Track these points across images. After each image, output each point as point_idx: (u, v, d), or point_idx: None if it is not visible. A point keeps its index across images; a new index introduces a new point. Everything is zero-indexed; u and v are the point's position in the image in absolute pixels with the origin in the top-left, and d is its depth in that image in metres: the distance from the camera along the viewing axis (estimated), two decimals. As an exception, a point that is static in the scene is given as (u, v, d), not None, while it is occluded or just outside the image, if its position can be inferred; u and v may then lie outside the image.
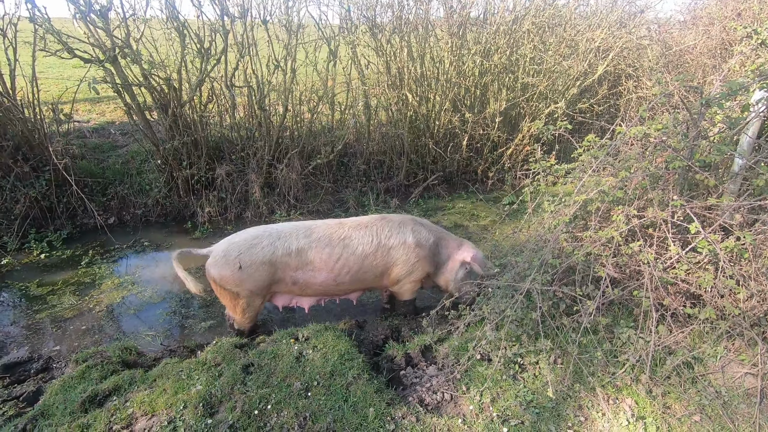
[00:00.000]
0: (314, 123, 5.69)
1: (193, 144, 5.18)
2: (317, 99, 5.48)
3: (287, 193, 5.48)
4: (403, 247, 3.03)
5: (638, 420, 2.01)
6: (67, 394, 2.25)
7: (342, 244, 2.90)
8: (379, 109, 5.97)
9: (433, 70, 5.59)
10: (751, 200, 2.11)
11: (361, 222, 3.05)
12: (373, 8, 5.00)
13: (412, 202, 5.85)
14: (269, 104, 5.39)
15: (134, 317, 3.56)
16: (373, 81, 5.72)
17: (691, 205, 2.08)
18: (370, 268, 3.00)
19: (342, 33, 5.17)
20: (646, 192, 2.19)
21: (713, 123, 2.24)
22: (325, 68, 5.36)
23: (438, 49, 5.39)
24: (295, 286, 2.94)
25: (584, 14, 5.72)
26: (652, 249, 2.20)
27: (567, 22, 5.41)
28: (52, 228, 4.73)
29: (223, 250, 2.78)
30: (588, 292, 2.23)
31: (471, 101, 5.89)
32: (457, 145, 5.98)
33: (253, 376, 2.27)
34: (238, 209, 5.43)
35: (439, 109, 5.68)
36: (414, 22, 5.22)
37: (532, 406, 2.12)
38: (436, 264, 3.21)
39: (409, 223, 3.12)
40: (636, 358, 2.15)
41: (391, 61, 5.41)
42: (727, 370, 2.22)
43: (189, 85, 4.92)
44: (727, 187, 2.44)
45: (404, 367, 2.64)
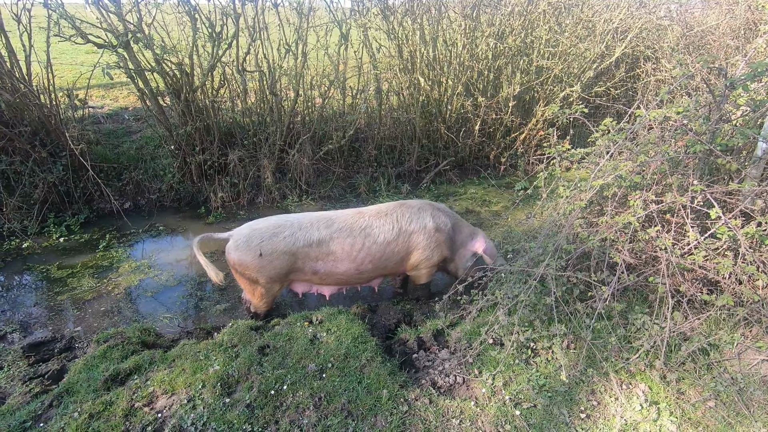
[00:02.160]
0: (325, 108, 5.66)
1: (206, 129, 5.20)
2: (328, 83, 5.44)
3: (299, 178, 5.50)
4: (424, 232, 3.03)
5: (652, 405, 2.02)
6: (90, 372, 2.33)
7: (363, 234, 2.91)
8: (391, 93, 5.91)
9: (446, 54, 5.49)
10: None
11: (380, 210, 3.05)
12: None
13: (423, 188, 5.83)
14: (280, 89, 5.37)
15: (151, 300, 3.63)
16: (384, 65, 5.65)
17: (711, 190, 2.04)
18: (392, 254, 3.02)
19: (353, 16, 5.09)
20: (665, 177, 2.15)
21: (737, 106, 2.18)
22: (336, 52, 5.30)
23: (451, 32, 5.29)
24: (315, 275, 2.97)
25: None
26: (669, 235, 2.17)
27: (584, 2, 5.25)
28: (70, 212, 4.82)
29: (245, 236, 2.81)
30: (603, 278, 2.21)
31: (484, 85, 5.79)
32: (469, 130, 5.92)
33: (269, 358, 2.32)
34: (250, 194, 5.47)
35: (452, 94, 5.60)
36: (427, 3, 5.12)
37: (544, 390, 2.13)
38: (452, 249, 3.21)
39: (428, 209, 3.11)
40: (650, 344, 2.14)
41: (403, 45, 5.33)
42: (744, 356, 2.21)
43: (201, 70, 4.92)
44: (749, 172, 2.38)
45: (417, 351, 2.67)
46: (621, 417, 2.00)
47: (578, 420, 2.00)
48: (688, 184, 2.07)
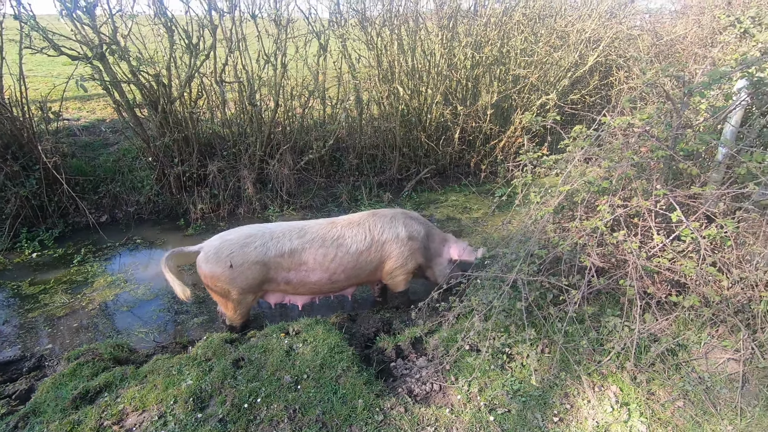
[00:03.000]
0: (306, 118, 5.67)
1: (184, 141, 5.17)
2: (308, 94, 5.46)
3: (280, 188, 5.48)
4: (396, 241, 3.05)
5: (622, 406, 2.05)
6: (58, 391, 2.26)
7: (336, 244, 2.92)
8: (372, 103, 5.96)
9: (425, 63, 5.57)
10: (733, 189, 2.13)
11: (352, 220, 3.06)
12: (362, 1, 4.97)
13: (405, 196, 5.85)
14: (260, 100, 5.37)
15: (127, 314, 3.56)
16: (364, 75, 5.70)
17: (674, 194, 2.10)
18: (365, 264, 3.02)
19: (332, 27, 5.14)
20: (630, 182, 2.20)
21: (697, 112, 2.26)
22: (315, 62, 5.34)
23: (429, 42, 5.37)
24: (288, 285, 2.96)
25: (575, 5, 5.70)
26: (637, 238, 2.22)
27: (557, 13, 5.39)
28: (44, 227, 4.72)
29: (215, 248, 2.79)
30: (574, 282, 2.25)
31: (463, 94, 5.88)
32: (449, 138, 5.99)
33: (243, 371, 2.29)
34: (230, 205, 5.43)
35: (431, 103, 5.67)
36: (404, 14, 5.20)
37: (518, 394, 2.15)
38: (426, 256, 3.24)
39: (401, 217, 3.14)
40: (621, 346, 2.18)
41: (381, 55, 5.39)
42: (711, 356, 2.26)
43: (178, 81, 4.89)
44: (711, 176, 2.46)
45: (395, 359, 2.66)
46: (593, 419, 2.02)
47: (551, 423, 2.01)
48: (652, 189, 2.13)
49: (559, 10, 5.46)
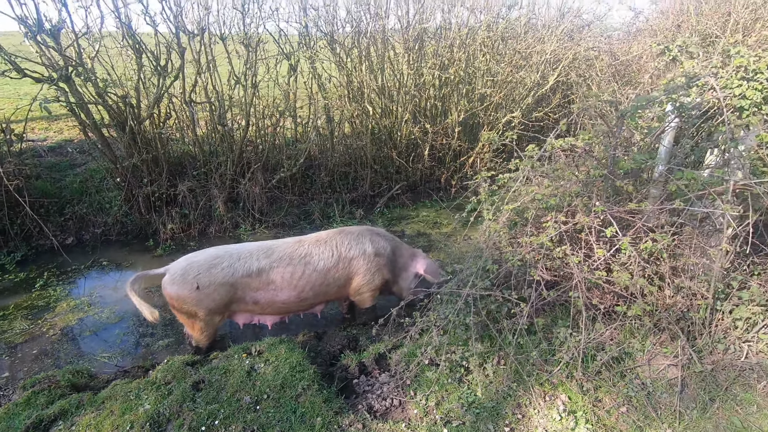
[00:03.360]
0: (277, 137, 5.73)
1: (154, 161, 5.15)
2: (279, 114, 5.54)
3: (252, 207, 5.50)
4: (363, 257, 3.12)
5: (570, 414, 2.14)
6: (10, 421, 2.22)
7: (303, 262, 2.97)
8: (343, 121, 6.08)
9: (394, 83, 5.73)
10: (665, 204, 2.29)
11: (320, 237, 3.12)
12: (330, 23, 5.11)
13: (377, 212, 5.94)
14: (232, 119, 5.42)
15: (90, 339, 3.50)
16: (334, 94, 5.82)
17: (613, 210, 2.24)
18: (332, 281, 3.08)
19: (301, 48, 5.25)
20: (573, 199, 2.34)
21: (631, 133, 2.43)
22: (286, 83, 5.43)
23: (397, 63, 5.54)
24: (256, 305, 2.99)
25: (535, 27, 5.98)
26: (581, 252, 2.35)
27: (518, 36, 5.65)
28: (5, 251, 4.60)
29: (181, 269, 2.80)
30: (526, 295, 2.35)
31: (433, 112, 6.06)
32: (419, 155, 6.13)
33: (203, 393, 2.29)
34: (201, 225, 5.41)
35: (401, 121, 5.82)
36: (372, 36, 5.36)
37: (473, 407, 2.22)
38: (393, 272, 3.31)
39: (367, 234, 3.21)
40: (569, 356, 2.28)
41: (351, 75, 5.53)
42: (653, 362, 2.38)
43: (147, 102, 4.90)
44: (650, 192, 2.62)
45: (358, 376, 2.70)
46: (543, 428, 2.11)
47: (504, 434, 2.09)
48: (592, 206, 2.27)
49: (519, 33, 5.71)
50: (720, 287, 2.44)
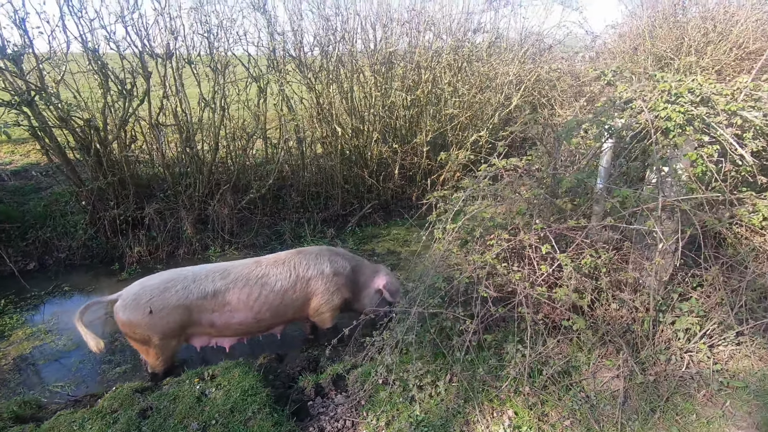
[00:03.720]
0: (247, 158, 5.77)
1: (120, 183, 5.13)
2: (248, 135, 5.59)
3: (221, 228, 5.48)
4: (322, 278, 3.14)
5: (515, 429, 2.17)
6: (-55, 456, 2.15)
7: (260, 283, 2.98)
8: (315, 142, 6.16)
9: (364, 104, 5.86)
10: (602, 222, 2.39)
11: (278, 258, 3.14)
12: (298, 47, 5.22)
13: (348, 231, 5.98)
14: (203, 141, 5.44)
15: (45, 367, 3.41)
16: (304, 115, 5.91)
17: (555, 228, 2.33)
18: (290, 301, 3.08)
19: (269, 71, 5.35)
20: (515, 218, 2.43)
21: (569, 153, 2.55)
22: (255, 105, 5.51)
23: (366, 84, 5.67)
24: (212, 327, 2.97)
25: (499, 50, 6.22)
26: (527, 269, 2.42)
27: (481, 59, 5.87)
28: (-38, 278, 4.48)
29: (134, 294, 2.78)
30: (476, 311, 2.41)
31: (402, 132, 6.19)
32: (389, 174, 6.23)
33: (150, 420, 2.26)
34: (170, 247, 5.36)
35: (371, 141, 5.92)
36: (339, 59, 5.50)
37: (422, 425, 2.23)
38: (353, 290, 3.34)
39: (326, 254, 3.24)
40: (516, 371, 2.32)
41: (321, 97, 5.63)
42: (598, 375, 2.44)
43: (114, 125, 4.90)
44: (594, 209, 2.74)
45: (314, 398, 2.70)
46: (489, 444, 2.13)
47: (451, 452, 2.10)
48: (533, 224, 2.36)
49: (483, 56, 5.93)
50: (659, 300, 2.54)
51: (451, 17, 5.95)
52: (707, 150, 2.24)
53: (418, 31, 5.38)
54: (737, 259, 2.80)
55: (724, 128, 2.20)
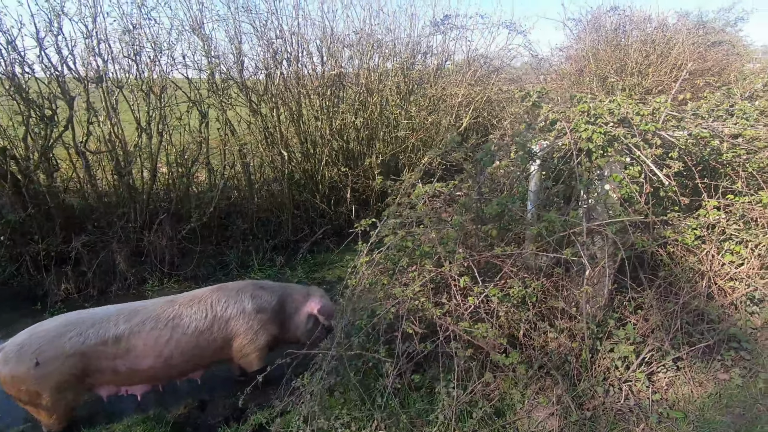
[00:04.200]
0: (189, 185, 5.50)
1: (45, 215, 4.74)
2: (190, 161, 5.33)
3: (160, 260, 5.14)
4: (243, 316, 2.89)
5: (439, 484, 1.97)
6: None
7: (171, 325, 2.71)
8: (264, 166, 5.95)
9: (315, 127, 5.72)
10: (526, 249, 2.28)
11: (194, 296, 2.89)
12: (240, 70, 5.07)
13: (300, 258, 5.73)
14: (141, 167, 5.15)
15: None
16: (250, 140, 5.71)
17: (480, 256, 2.19)
18: (207, 344, 2.82)
19: (210, 95, 5.15)
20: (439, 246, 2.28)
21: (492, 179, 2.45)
22: (197, 129, 5.28)
23: (312, 107, 5.56)
24: (116, 375, 2.67)
25: (447, 72, 6.25)
26: (452, 301, 2.26)
27: (429, 82, 5.87)
28: None
29: (18, 345, 2.46)
30: (402, 349, 2.21)
31: (354, 155, 6.06)
32: (343, 197, 6.06)
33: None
34: (102, 283, 4.97)
35: (321, 165, 5.77)
36: (285, 81, 5.37)
37: (339, 484, 2.00)
38: (283, 324, 3.11)
39: (249, 289, 3.01)
40: (444, 415, 2.13)
41: (266, 120, 5.47)
42: (534, 413, 2.28)
43: (36, 153, 4.56)
44: (527, 235, 2.63)
45: (228, 454, 2.42)
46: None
47: None
48: (457, 253, 2.22)
49: (431, 78, 5.94)
50: (594, 328, 2.42)
51: (399, 40, 5.96)
52: (629, 171, 2.17)
53: (362, 53, 5.32)
54: (671, 280, 2.74)
55: (642, 149, 2.14)
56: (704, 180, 2.94)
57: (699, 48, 7.81)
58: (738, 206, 2.86)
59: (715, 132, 2.61)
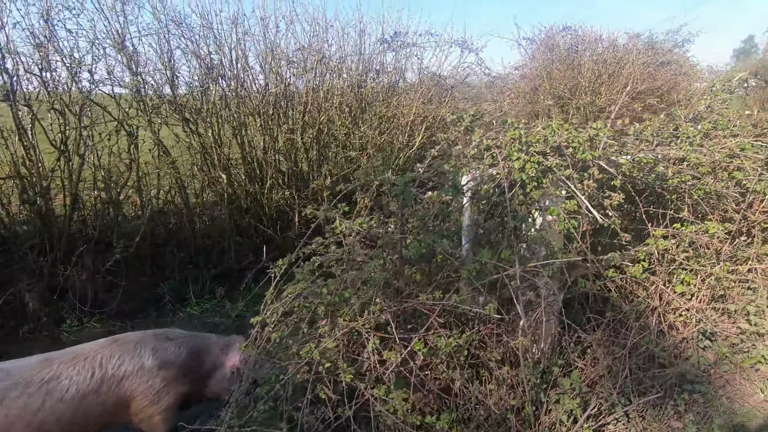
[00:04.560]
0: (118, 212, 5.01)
1: (-62, 250, 4.16)
2: (118, 186, 4.86)
3: (81, 297, 4.60)
4: (141, 374, 2.47)
5: None
6: None
7: (45, 389, 2.26)
8: (205, 189, 5.53)
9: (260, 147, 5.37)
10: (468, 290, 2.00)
11: (78, 353, 2.45)
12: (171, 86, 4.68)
13: (243, 289, 5.30)
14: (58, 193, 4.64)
15: None
16: (187, 161, 5.30)
17: (399, 307, 1.89)
18: (93, 409, 2.37)
19: (140, 114, 4.73)
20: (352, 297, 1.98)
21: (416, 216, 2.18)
22: (126, 151, 4.83)
23: (253, 127, 5.22)
24: None
25: (399, 90, 6.05)
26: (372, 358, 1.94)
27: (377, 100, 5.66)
28: None
29: None
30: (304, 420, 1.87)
31: (303, 177, 5.74)
32: (290, 222, 5.70)
33: None
34: (10, 325, 4.39)
35: (267, 187, 5.41)
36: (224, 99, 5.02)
37: None
38: (197, 381, 2.69)
39: (150, 341, 2.59)
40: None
41: (203, 141, 5.08)
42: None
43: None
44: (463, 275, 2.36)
45: None
46: None
47: None
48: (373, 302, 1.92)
49: (379, 97, 5.72)
50: (535, 381, 2.15)
51: (349, 57, 5.73)
52: (565, 205, 1.94)
53: (307, 70, 5.05)
54: (620, 318, 2.52)
55: (577, 182, 1.92)
56: (651, 207, 2.77)
57: (648, 68, 7.97)
58: (686, 234, 2.70)
59: (658, 157, 2.44)
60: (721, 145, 2.92)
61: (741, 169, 2.80)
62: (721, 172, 2.71)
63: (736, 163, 2.83)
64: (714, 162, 2.75)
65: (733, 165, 2.83)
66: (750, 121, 3.07)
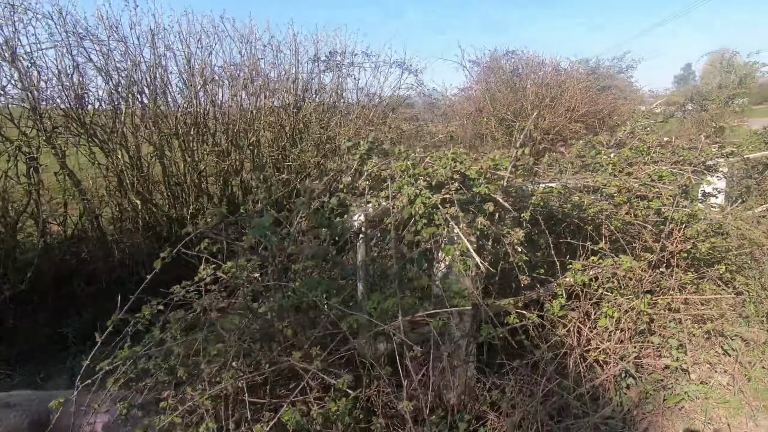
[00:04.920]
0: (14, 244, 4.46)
1: None
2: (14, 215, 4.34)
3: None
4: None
5: None
6: None
7: None
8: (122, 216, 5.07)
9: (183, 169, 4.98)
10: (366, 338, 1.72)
11: None
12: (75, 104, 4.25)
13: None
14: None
15: None
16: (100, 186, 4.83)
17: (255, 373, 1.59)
18: None
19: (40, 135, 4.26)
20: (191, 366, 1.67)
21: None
22: (24, 174, 4.33)
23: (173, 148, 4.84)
24: None
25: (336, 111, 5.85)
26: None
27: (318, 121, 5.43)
28: None
29: None
30: None
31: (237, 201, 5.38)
32: (219, 249, 5.30)
33: None
34: None
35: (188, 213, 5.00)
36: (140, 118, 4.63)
37: None
38: None
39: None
40: None
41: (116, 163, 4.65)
42: None
43: None
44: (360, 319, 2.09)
45: None
46: None
47: None
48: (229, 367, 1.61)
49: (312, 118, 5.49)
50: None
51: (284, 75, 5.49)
52: (457, 246, 1.72)
53: (235, 88, 4.76)
54: (535, 360, 2.32)
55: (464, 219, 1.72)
56: (569, 239, 2.62)
57: (590, 92, 8.19)
58: (605, 267, 2.56)
59: (568, 185, 2.29)
60: (640, 172, 2.83)
61: (658, 198, 2.71)
62: (637, 201, 2.60)
63: (654, 191, 2.74)
64: (630, 191, 2.64)
65: (652, 193, 2.74)
66: (668, 148, 3.02)
